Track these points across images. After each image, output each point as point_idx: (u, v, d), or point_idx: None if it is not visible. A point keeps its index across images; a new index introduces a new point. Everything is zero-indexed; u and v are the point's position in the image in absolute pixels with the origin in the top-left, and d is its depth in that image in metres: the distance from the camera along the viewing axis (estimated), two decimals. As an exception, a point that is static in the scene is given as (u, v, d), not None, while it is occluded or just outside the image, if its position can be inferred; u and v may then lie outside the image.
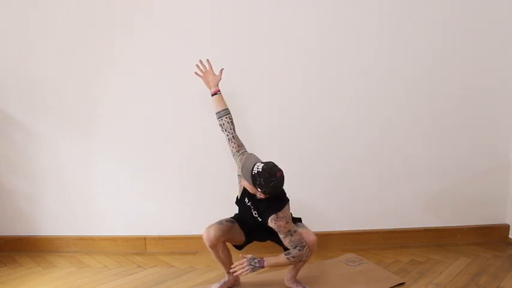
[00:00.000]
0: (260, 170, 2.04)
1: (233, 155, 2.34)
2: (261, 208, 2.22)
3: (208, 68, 2.41)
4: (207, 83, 2.42)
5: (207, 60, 2.39)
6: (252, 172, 2.06)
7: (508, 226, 3.17)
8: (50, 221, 3.11)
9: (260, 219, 2.25)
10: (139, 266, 2.88)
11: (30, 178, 3.08)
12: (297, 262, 2.25)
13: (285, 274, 2.54)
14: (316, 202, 3.05)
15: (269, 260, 2.20)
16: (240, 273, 2.20)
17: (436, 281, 2.56)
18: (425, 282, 2.54)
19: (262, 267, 2.20)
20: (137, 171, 3.05)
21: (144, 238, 3.10)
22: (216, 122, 2.40)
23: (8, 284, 2.63)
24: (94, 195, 3.08)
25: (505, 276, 2.60)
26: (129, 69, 2.94)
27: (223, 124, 2.35)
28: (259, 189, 2.08)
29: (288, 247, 2.20)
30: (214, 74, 2.40)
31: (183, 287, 2.57)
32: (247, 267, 2.18)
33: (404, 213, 3.10)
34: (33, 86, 2.98)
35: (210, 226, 2.29)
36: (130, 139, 3.01)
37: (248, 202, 2.29)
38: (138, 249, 3.10)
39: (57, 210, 3.09)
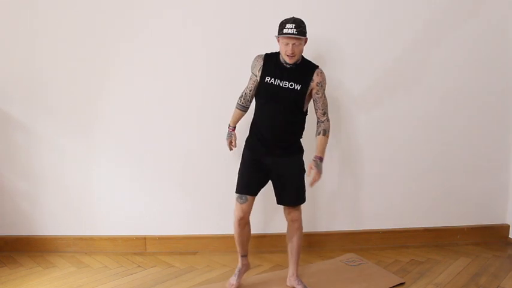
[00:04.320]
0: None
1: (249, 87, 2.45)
2: (298, 73, 2.30)
3: None
4: None
5: None
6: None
7: (508, 226, 3.17)
8: (50, 221, 3.11)
9: (299, 87, 2.29)
10: (139, 266, 2.88)
11: (31, 178, 3.08)
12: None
13: (284, 273, 2.55)
14: (316, 202, 3.05)
15: (320, 152, 2.37)
16: (317, 179, 2.34)
17: (436, 281, 2.56)
18: (425, 282, 2.54)
19: (322, 159, 2.36)
20: (137, 172, 3.05)
21: (144, 238, 3.10)
22: (215, 121, 2.41)
23: (8, 284, 2.63)
24: (94, 195, 3.07)
25: (505, 276, 2.60)
26: (129, 70, 2.94)
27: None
28: (288, 28, 2.20)
29: (319, 110, 2.38)
30: None
31: (183, 287, 2.57)
32: (319, 173, 2.33)
33: (404, 213, 3.10)
34: (34, 87, 2.98)
35: (239, 205, 2.44)
36: (130, 140, 3.01)
37: (275, 80, 2.30)
38: (138, 249, 3.10)
39: (57, 210, 3.09)
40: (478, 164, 3.09)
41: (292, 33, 2.19)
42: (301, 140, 2.46)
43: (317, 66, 2.35)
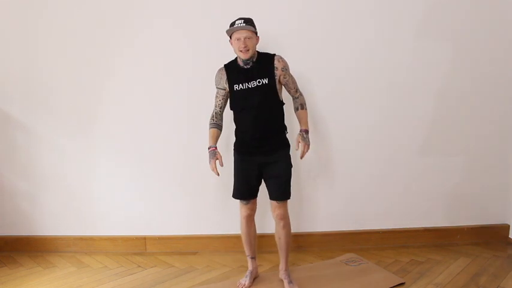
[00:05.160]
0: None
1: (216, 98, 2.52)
2: (259, 68, 2.34)
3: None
4: None
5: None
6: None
7: (508, 226, 3.17)
8: (50, 221, 3.11)
9: (266, 80, 2.33)
10: (139, 266, 2.88)
11: (31, 178, 3.08)
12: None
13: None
14: (316, 202, 3.05)
15: (304, 125, 2.45)
16: (305, 151, 2.41)
17: (436, 281, 2.55)
18: (425, 282, 2.54)
19: (307, 132, 2.43)
20: (137, 172, 3.05)
21: (144, 238, 3.10)
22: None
23: (8, 284, 2.63)
24: (94, 195, 3.08)
25: (505, 276, 2.60)
26: (129, 71, 2.95)
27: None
28: (237, 25, 2.26)
29: (292, 89, 2.46)
30: None
31: (183, 287, 2.58)
32: (307, 145, 2.41)
33: (404, 213, 3.10)
34: (34, 87, 2.98)
35: (244, 205, 2.50)
36: (130, 140, 3.01)
37: (243, 85, 2.35)
38: (138, 249, 3.10)
39: (57, 210, 3.10)
40: (477, 164, 3.09)
41: (241, 25, 2.27)
42: (287, 135, 2.47)
43: (274, 54, 2.39)
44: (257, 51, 2.39)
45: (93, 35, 2.91)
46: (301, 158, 2.42)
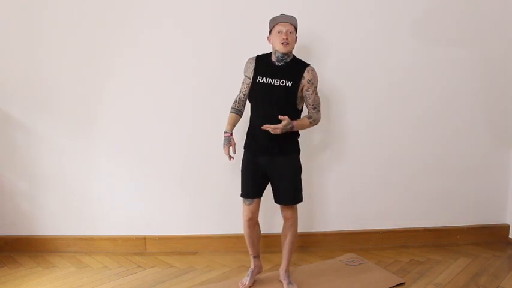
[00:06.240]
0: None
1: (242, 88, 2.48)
2: (289, 70, 2.33)
3: None
4: None
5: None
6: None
7: (508, 226, 3.17)
8: (50, 221, 3.11)
9: (290, 83, 2.31)
10: (139, 266, 2.88)
11: (31, 178, 3.08)
12: (312, 125, 2.40)
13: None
14: (316, 202, 3.05)
15: (297, 122, 2.31)
16: (272, 128, 2.24)
17: (436, 281, 2.56)
18: (425, 282, 2.54)
19: (292, 127, 2.28)
20: (137, 172, 3.05)
21: (144, 238, 3.10)
22: (215, 121, 2.42)
23: (8, 284, 2.63)
24: (94, 195, 3.07)
25: (505, 276, 2.60)
26: (129, 71, 2.94)
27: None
28: (279, 22, 2.30)
29: (309, 107, 2.39)
30: None
31: (183, 287, 2.58)
32: (280, 129, 2.23)
33: (404, 213, 3.11)
34: (34, 87, 2.98)
35: (246, 206, 2.45)
36: (130, 139, 3.01)
37: (266, 79, 2.34)
38: (138, 249, 3.10)
39: (57, 210, 3.09)
40: (477, 164, 3.09)
41: (286, 17, 2.32)
42: (298, 139, 2.46)
43: (308, 64, 2.37)
44: (293, 55, 2.39)
45: (93, 35, 2.91)
46: (263, 127, 2.25)
